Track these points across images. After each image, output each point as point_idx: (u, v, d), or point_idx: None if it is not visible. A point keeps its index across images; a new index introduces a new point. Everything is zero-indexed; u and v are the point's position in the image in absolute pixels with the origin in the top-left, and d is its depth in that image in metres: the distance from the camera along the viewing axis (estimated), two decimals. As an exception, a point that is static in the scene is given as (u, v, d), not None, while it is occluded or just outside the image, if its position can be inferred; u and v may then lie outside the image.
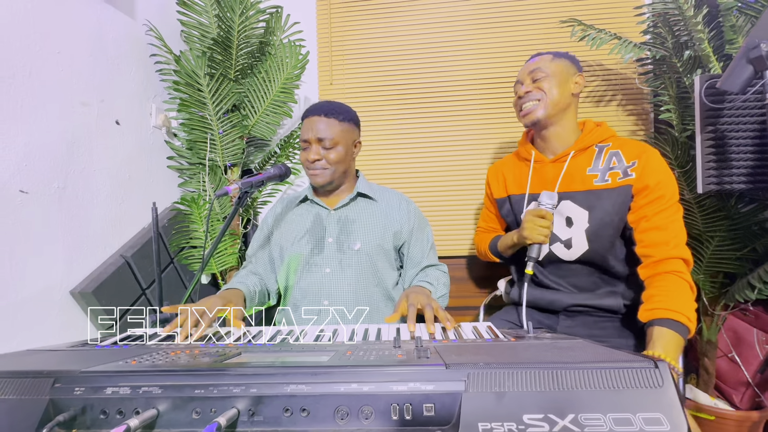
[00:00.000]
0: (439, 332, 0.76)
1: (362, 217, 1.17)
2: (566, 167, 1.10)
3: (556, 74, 1.10)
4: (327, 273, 1.12)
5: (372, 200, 1.20)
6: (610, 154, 1.07)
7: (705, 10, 1.34)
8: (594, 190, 1.06)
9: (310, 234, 1.16)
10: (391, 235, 1.16)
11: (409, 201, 1.24)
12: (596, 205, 1.05)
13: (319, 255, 1.13)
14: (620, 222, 1.04)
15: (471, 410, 0.44)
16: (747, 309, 1.44)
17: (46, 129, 1.25)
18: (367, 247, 1.13)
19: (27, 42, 1.20)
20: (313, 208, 1.20)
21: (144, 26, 1.66)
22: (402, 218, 1.18)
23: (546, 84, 1.10)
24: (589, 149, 1.10)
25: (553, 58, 1.13)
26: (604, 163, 1.07)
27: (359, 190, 1.19)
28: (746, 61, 0.98)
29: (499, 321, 1.21)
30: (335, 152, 1.11)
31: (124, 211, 1.55)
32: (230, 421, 0.44)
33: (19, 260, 1.16)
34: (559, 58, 1.13)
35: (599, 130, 1.12)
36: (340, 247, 1.13)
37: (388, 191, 1.25)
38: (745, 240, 1.41)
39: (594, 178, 1.07)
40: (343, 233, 1.15)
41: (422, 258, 1.19)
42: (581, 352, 0.54)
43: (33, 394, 0.49)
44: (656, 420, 0.42)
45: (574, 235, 1.07)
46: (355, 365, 0.50)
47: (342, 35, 2.00)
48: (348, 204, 1.18)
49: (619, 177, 1.04)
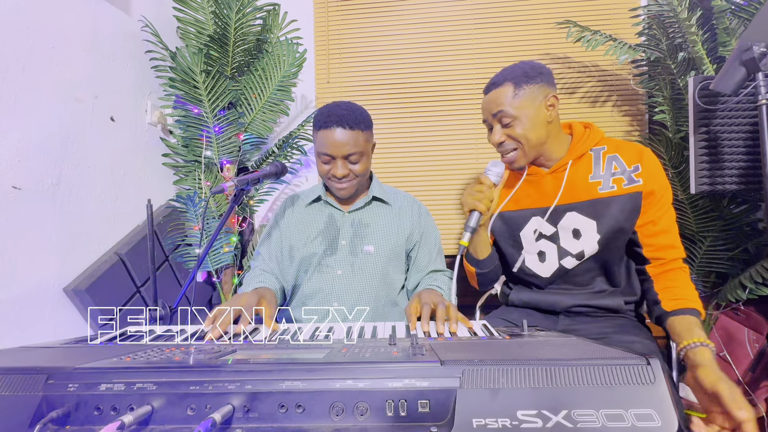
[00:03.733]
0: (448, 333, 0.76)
1: (377, 221, 1.15)
2: (567, 177, 1.02)
3: (523, 114, 0.97)
4: (338, 275, 1.11)
5: (386, 204, 1.17)
6: (608, 158, 1.01)
7: (699, 12, 1.36)
8: (600, 198, 0.99)
9: (323, 235, 1.14)
10: (404, 240, 1.15)
11: (419, 204, 1.22)
12: (604, 213, 0.98)
13: (332, 257, 1.12)
14: (630, 228, 0.99)
15: (465, 406, 0.45)
16: (738, 308, 1.46)
17: (39, 125, 1.24)
18: (381, 251, 1.11)
19: (20, 37, 1.19)
20: (327, 208, 1.17)
21: (139, 22, 1.65)
22: (414, 222, 1.17)
23: (518, 129, 0.98)
24: (585, 155, 1.03)
25: (515, 89, 0.97)
26: (605, 168, 1.00)
27: (374, 194, 1.16)
28: (739, 63, 0.99)
29: (494, 320, 1.21)
30: (362, 164, 1.06)
31: (119, 208, 1.54)
32: (225, 418, 0.44)
33: (12, 257, 1.15)
34: (523, 85, 0.97)
35: (590, 134, 1.04)
36: (353, 250, 1.11)
37: (401, 194, 1.22)
38: (737, 240, 1.42)
39: (598, 186, 0.99)
40: (356, 236, 1.13)
41: (429, 262, 1.18)
42: (575, 350, 0.54)
43: (26, 391, 0.49)
44: (648, 416, 0.43)
45: (586, 247, 1.02)
46: (350, 362, 0.50)
47: (339, 33, 2.00)
48: (363, 207, 1.16)
49: (624, 183, 0.98)
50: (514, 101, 0.98)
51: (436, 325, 0.77)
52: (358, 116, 1.05)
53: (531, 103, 0.98)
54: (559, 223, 1.03)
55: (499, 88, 1.00)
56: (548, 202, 1.04)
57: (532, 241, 1.08)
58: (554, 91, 1.00)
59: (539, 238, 1.07)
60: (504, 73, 1.01)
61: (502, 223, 1.12)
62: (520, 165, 1.03)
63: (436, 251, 1.20)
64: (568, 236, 1.03)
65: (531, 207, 1.07)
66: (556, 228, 1.04)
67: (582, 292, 1.06)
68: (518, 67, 1.00)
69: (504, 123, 1.00)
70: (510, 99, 0.98)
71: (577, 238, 1.02)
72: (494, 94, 1.00)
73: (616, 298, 1.03)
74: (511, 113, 0.98)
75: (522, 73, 0.98)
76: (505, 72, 1.01)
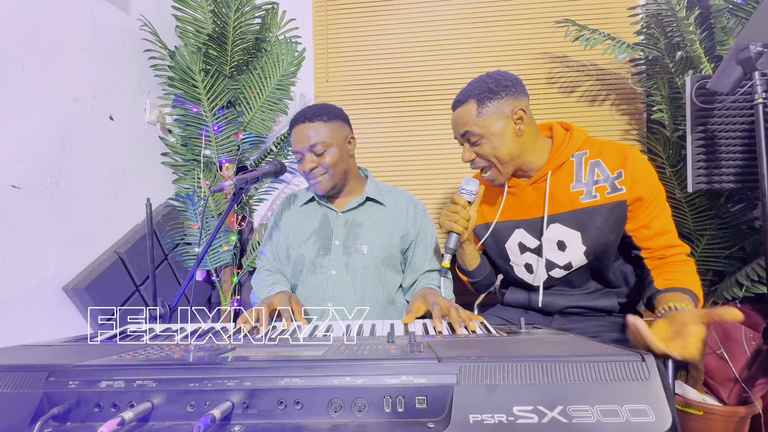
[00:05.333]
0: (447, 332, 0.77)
1: (370, 221, 1.14)
2: (548, 188, 0.97)
3: (489, 132, 0.94)
4: (332, 275, 1.11)
5: (381, 204, 1.17)
6: (590, 165, 0.96)
7: (697, 11, 1.36)
8: (583, 208, 0.95)
9: (317, 235, 1.14)
10: (399, 239, 1.15)
11: (416, 202, 1.21)
12: (588, 224, 0.95)
13: (326, 257, 1.12)
14: (617, 237, 0.96)
15: (462, 402, 0.45)
16: (735, 306, 1.47)
17: (38, 124, 1.24)
18: (374, 251, 1.11)
19: (19, 36, 1.19)
20: (321, 209, 1.18)
21: (138, 21, 1.64)
22: (409, 221, 1.17)
23: (486, 148, 0.95)
24: (567, 163, 0.97)
25: (478, 107, 0.94)
26: (587, 176, 0.96)
27: (368, 195, 1.16)
28: (736, 62, 1.00)
29: (490, 318, 1.21)
30: (329, 155, 1.07)
31: (118, 207, 1.54)
32: (224, 414, 0.45)
33: (12, 256, 1.15)
34: (486, 102, 0.94)
35: (572, 138, 0.98)
36: (347, 250, 1.12)
37: (396, 193, 1.22)
38: (733, 239, 1.43)
39: (580, 195, 0.95)
40: (350, 236, 1.13)
41: (425, 262, 1.17)
42: (571, 346, 0.55)
43: (27, 388, 0.49)
44: (642, 411, 0.43)
45: (573, 259, 0.99)
46: (348, 359, 0.50)
47: (338, 32, 2.00)
48: (356, 208, 1.16)
49: (607, 191, 0.94)
50: (478, 120, 0.94)
51: (454, 327, 0.76)
52: (321, 110, 1.09)
53: (496, 120, 0.94)
54: (543, 235, 1.00)
55: (463, 107, 0.96)
56: (530, 214, 1.02)
57: (517, 254, 1.06)
58: (522, 103, 0.96)
59: (524, 251, 1.05)
60: (468, 90, 0.97)
61: (489, 235, 1.09)
62: (500, 182, 1.01)
63: (433, 251, 1.20)
64: (553, 248, 1.00)
65: (514, 219, 1.05)
66: (540, 241, 1.01)
67: (576, 294, 1.05)
68: (482, 82, 0.96)
69: (471, 142, 0.97)
70: (474, 117, 0.94)
71: (563, 249, 0.99)
72: (459, 112, 0.98)
73: (610, 299, 1.03)
74: (476, 132, 0.95)
75: (485, 89, 0.95)
76: (468, 88, 0.98)
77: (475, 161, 0.99)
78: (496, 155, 0.95)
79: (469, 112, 0.95)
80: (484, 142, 0.95)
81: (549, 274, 1.03)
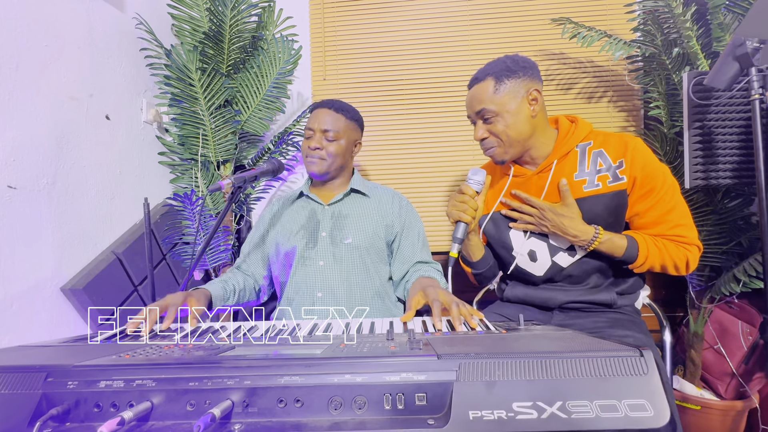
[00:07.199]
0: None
1: (355, 212, 1.19)
2: (551, 177, 1.01)
3: (504, 110, 0.96)
4: (321, 266, 1.14)
5: (365, 196, 1.22)
6: (594, 154, 1.00)
7: (693, 8, 1.36)
8: (585, 197, 0.99)
9: (304, 229, 1.19)
10: (383, 229, 1.18)
11: (401, 197, 1.27)
12: (590, 212, 0.98)
13: (313, 249, 1.16)
14: (620, 226, 0.99)
15: (462, 399, 0.45)
16: (732, 302, 1.48)
17: (34, 123, 1.23)
18: (358, 241, 1.15)
19: (14, 35, 1.18)
20: (309, 204, 1.23)
21: (134, 19, 1.63)
22: (394, 212, 1.21)
23: (499, 126, 0.97)
24: (571, 153, 1.01)
25: (495, 84, 0.97)
26: (590, 165, 0.99)
27: (353, 186, 1.22)
28: (732, 58, 1.00)
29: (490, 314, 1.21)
30: (336, 145, 1.16)
31: (115, 206, 1.53)
32: (224, 413, 0.45)
33: (8, 257, 1.14)
34: (504, 80, 0.96)
35: (576, 129, 1.02)
36: (333, 240, 1.16)
37: (380, 188, 1.28)
38: (731, 234, 1.44)
39: (583, 184, 0.99)
40: (336, 228, 1.17)
41: (413, 253, 1.20)
42: (570, 342, 0.55)
43: (26, 389, 0.49)
44: (641, 406, 0.44)
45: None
46: (348, 357, 0.50)
47: (335, 30, 1.99)
48: (342, 200, 1.21)
49: (609, 180, 0.97)
50: (495, 97, 0.97)
51: (454, 324, 0.76)
52: (346, 107, 1.19)
53: (512, 98, 0.97)
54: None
55: (480, 84, 0.99)
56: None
57: (522, 241, 1.07)
58: (538, 85, 0.99)
59: (530, 236, 1.06)
60: (486, 68, 1.00)
61: (492, 225, 1.11)
62: (502, 159, 1.03)
63: (421, 242, 1.22)
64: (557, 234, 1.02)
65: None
66: None
67: (576, 289, 1.06)
68: (501, 62, 1.00)
69: (485, 119, 0.99)
70: (490, 94, 0.97)
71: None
72: (476, 89, 1.00)
73: (610, 293, 1.04)
74: (491, 109, 0.97)
75: (504, 67, 0.98)
76: (487, 67, 1.01)
77: (486, 140, 1.01)
78: (508, 133, 0.98)
79: (486, 89, 0.98)
80: (498, 119, 0.98)
81: (553, 260, 1.05)
